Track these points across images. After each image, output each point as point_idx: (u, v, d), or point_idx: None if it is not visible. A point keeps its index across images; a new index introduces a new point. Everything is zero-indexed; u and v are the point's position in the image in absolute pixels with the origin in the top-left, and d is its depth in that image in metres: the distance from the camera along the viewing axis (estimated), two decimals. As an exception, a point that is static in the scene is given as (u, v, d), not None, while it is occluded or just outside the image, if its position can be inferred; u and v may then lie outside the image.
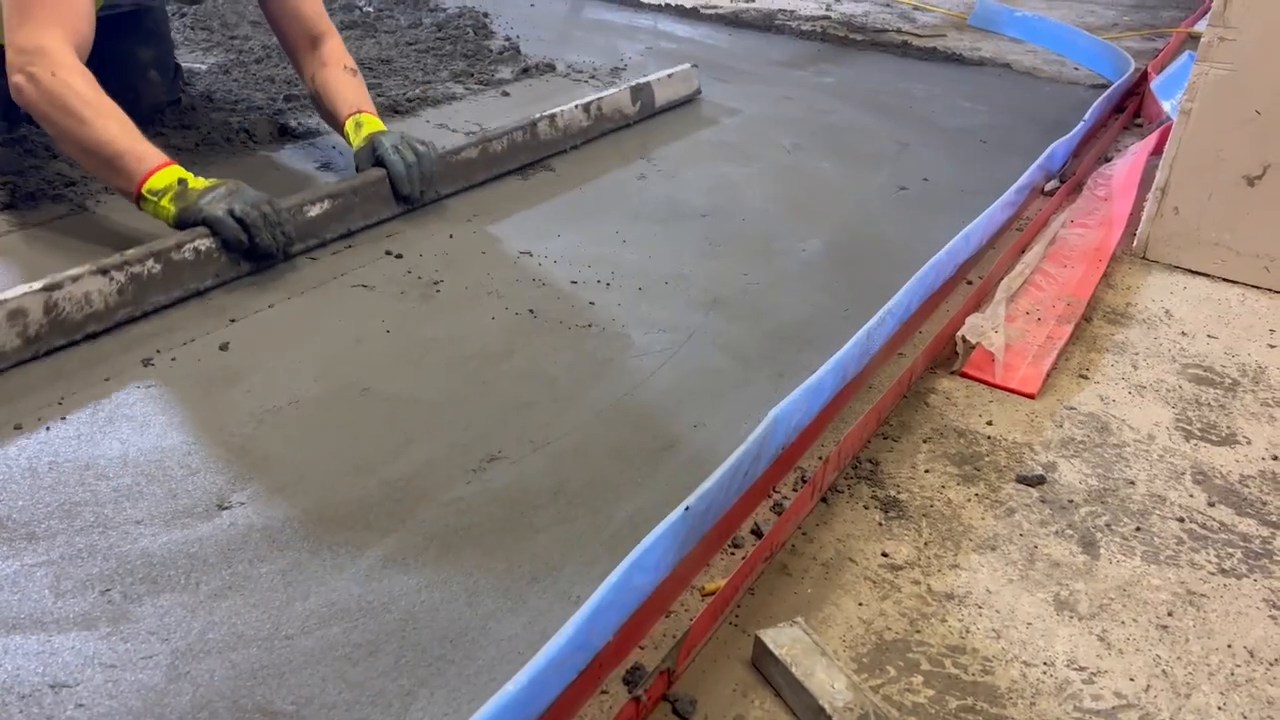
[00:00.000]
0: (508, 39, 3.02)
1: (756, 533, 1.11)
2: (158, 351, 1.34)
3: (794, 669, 0.91)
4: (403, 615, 0.95)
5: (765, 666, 0.94)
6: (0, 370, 1.26)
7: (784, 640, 0.94)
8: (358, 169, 1.78)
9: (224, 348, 1.35)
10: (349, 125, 1.82)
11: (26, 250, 1.58)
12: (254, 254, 1.53)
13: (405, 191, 1.76)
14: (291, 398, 1.26)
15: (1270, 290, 1.78)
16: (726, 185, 2.05)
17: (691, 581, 1.04)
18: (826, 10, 4.01)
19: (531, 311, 1.50)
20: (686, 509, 0.96)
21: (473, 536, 1.06)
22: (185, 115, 2.14)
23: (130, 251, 1.40)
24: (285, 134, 2.14)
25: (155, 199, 1.50)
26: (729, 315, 1.54)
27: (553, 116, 2.11)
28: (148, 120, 2.00)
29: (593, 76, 2.75)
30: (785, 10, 3.94)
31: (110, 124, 1.50)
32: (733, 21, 3.64)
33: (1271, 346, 1.60)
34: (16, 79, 1.49)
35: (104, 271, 1.35)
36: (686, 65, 2.61)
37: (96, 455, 1.13)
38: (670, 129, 2.38)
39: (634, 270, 1.65)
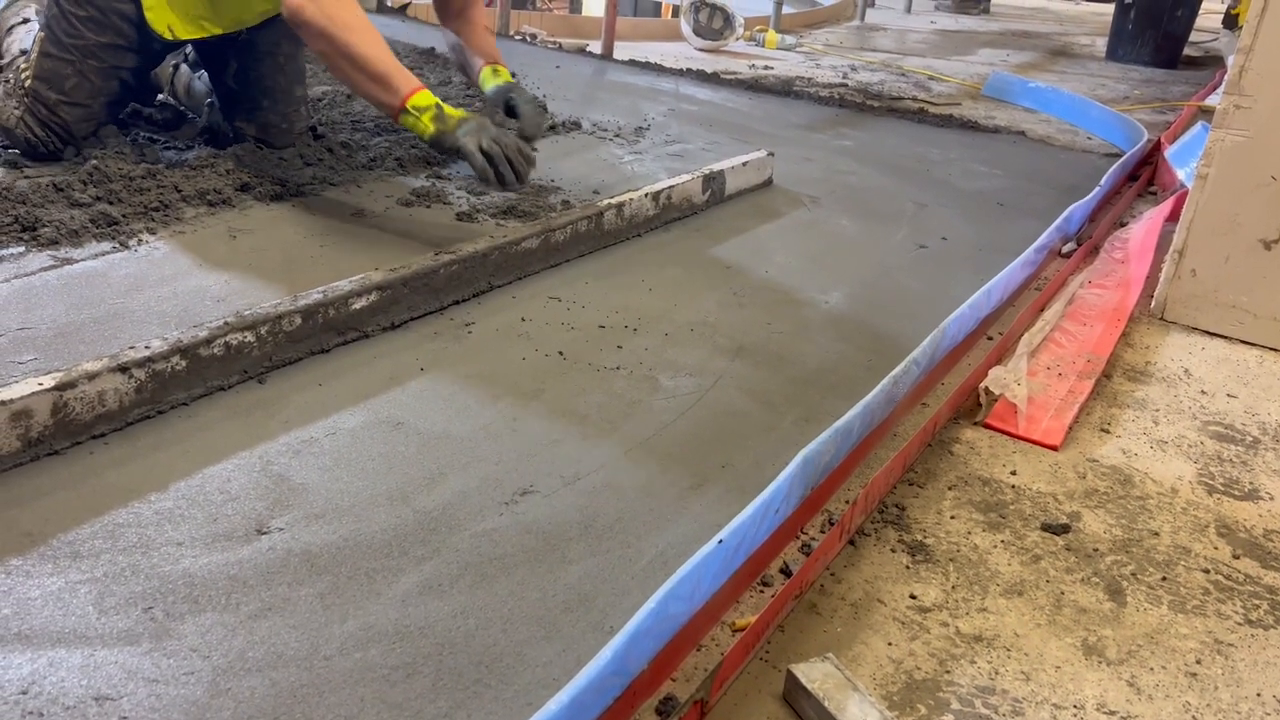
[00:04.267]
0: (535, 98, 3.10)
1: (785, 572, 1.13)
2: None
3: (826, 703, 0.91)
4: (439, 640, 0.96)
5: (797, 701, 0.95)
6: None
7: (816, 675, 0.94)
8: (486, 102, 2.20)
9: (261, 381, 1.38)
10: (486, 71, 2.20)
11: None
12: (501, 181, 1.78)
13: (529, 133, 2.07)
14: (327, 430, 1.28)
15: (1288, 352, 1.80)
16: (750, 240, 2.10)
17: (722, 617, 1.05)
18: (844, 78, 4.11)
19: (561, 353, 1.53)
20: (720, 542, 0.98)
21: (506, 566, 1.07)
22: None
23: (155, 344, 1.28)
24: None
25: (417, 114, 1.78)
26: (754, 362, 1.57)
27: (620, 206, 2.00)
28: (294, 144, 2.25)
29: (618, 134, 2.82)
30: (803, 77, 4.04)
31: (379, 45, 1.77)
32: (752, 86, 3.74)
33: (1291, 406, 1.62)
34: (298, 1, 1.73)
35: (124, 369, 1.23)
36: (762, 152, 2.47)
37: (139, 479, 1.15)
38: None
39: (660, 317, 1.69)
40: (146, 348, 1.27)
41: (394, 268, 1.58)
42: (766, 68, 4.22)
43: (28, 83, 2.00)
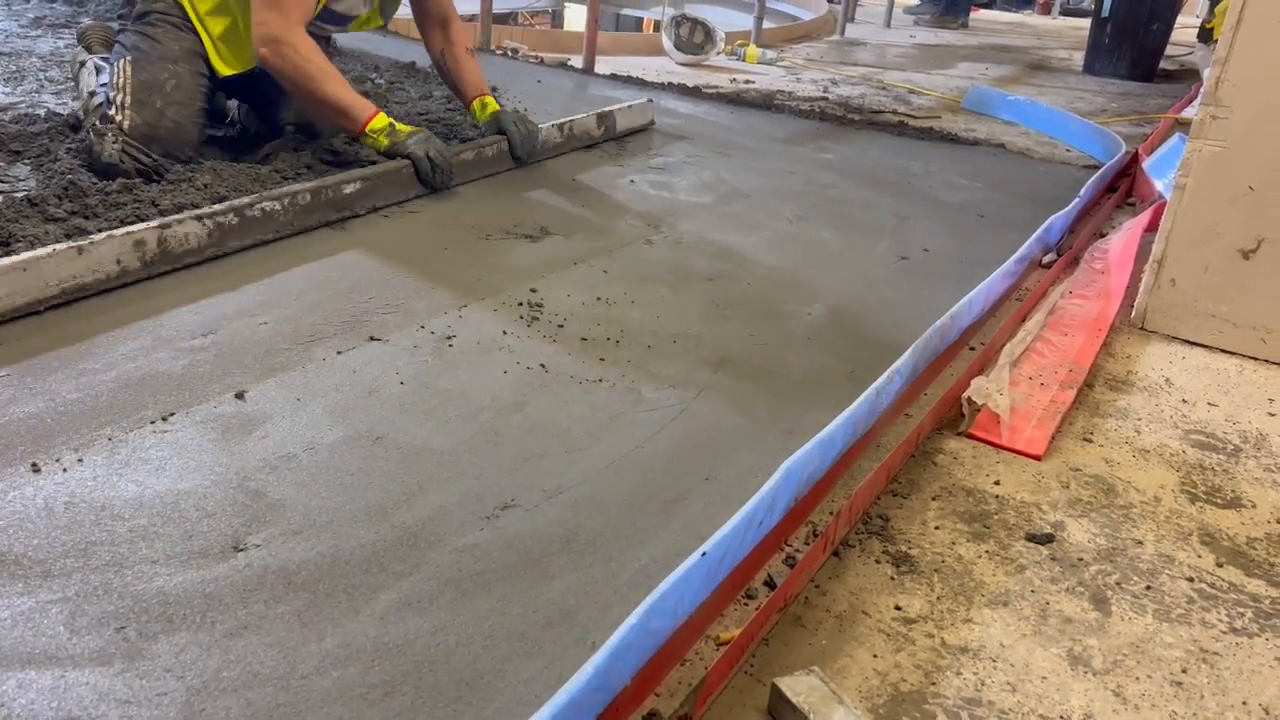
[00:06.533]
0: (517, 111, 3.10)
1: (770, 584, 1.12)
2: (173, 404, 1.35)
3: (812, 716, 0.90)
4: (419, 657, 0.95)
5: (782, 715, 0.94)
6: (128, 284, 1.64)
7: (801, 688, 0.93)
8: (482, 134, 2.50)
9: (240, 396, 1.36)
10: (475, 104, 2.53)
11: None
12: (432, 184, 2.21)
13: (518, 153, 2.47)
14: (306, 445, 1.27)
15: (1268, 361, 1.81)
16: (731, 252, 2.09)
17: (706, 631, 1.04)
18: (824, 92, 4.13)
19: (543, 366, 1.52)
20: (703, 554, 0.97)
21: (487, 582, 1.06)
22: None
23: (217, 206, 1.82)
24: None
25: (374, 136, 2.18)
26: (737, 373, 1.56)
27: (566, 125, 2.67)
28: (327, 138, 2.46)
29: (598, 148, 2.81)
30: (784, 91, 4.06)
31: (336, 82, 2.14)
32: (733, 100, 3.75)
33: (1271, 415, 1.62)
34: (263, 51, 2.07)
35: (199, 219, 1.76)
36: (644, 99, 3.13)
37: (112, 496, 1.13)
38: (673, 199, 2.44)
39: (643, 329, 1.68)
40: (203, 207, 1.83)
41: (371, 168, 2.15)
42: (748, 82, 4.23)
43: (126, 102, 2.11)
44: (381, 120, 2.18)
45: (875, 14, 7.01)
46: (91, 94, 2.30)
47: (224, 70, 2.26)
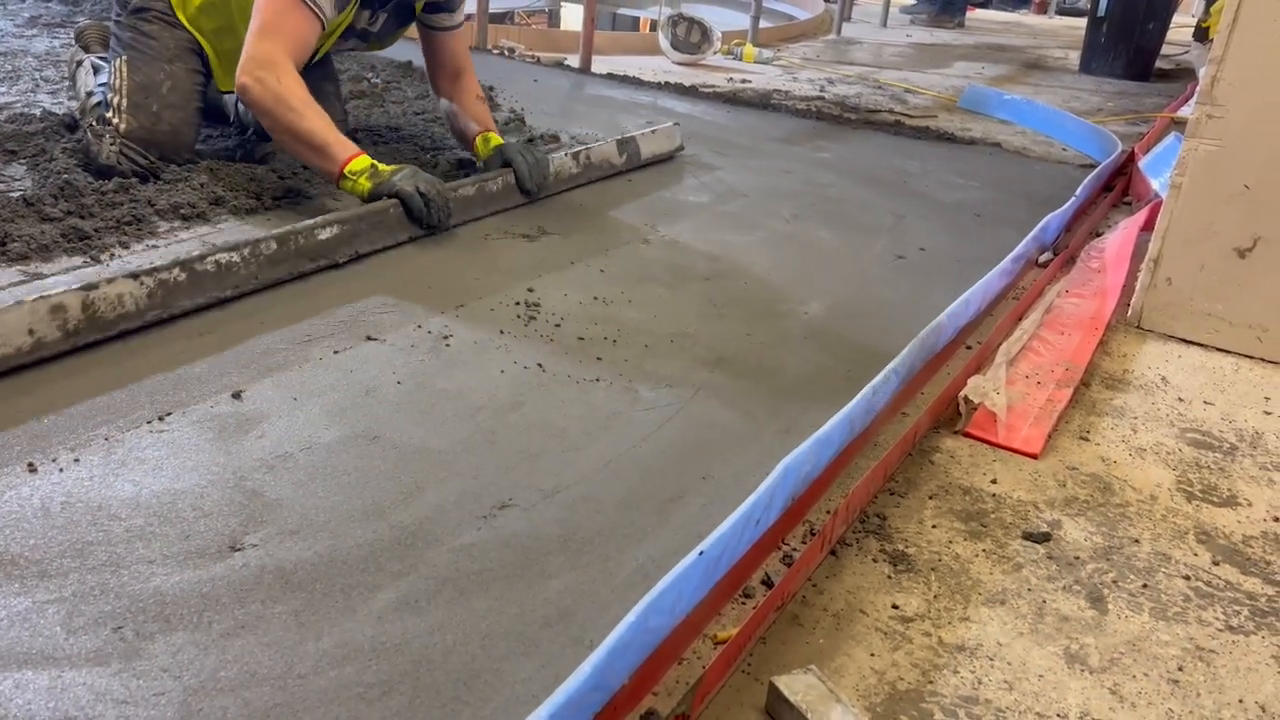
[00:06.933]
0: (513, 111, 3.10)
1: (767, 583, 1.12)
2: (171, 402, 1.35)
3: (809, 715, 0.90)
4: (416, 657, 0.95)
5: (780, 713, 0.94)
6: (44, 360, 1.38)
7: (799, 687, 0.94)
8: (487, 168, 2.25)
9: (237, 395, 1.36)
10: (479, 141, 2.31)
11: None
12: (427, 222, 1.93)
13: (526, 186, 2.21)
14: (303, 445, 1.27)
15: (1264, 360, 1.81)
16: (728, 252, 2.09)
17: (703, 630, 1.04)
18: (821, 92, 4.13)
19: (540, 365, 1.52)
20: (701, 553, 0.97)
21: (484, 581, 1.06)
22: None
23: (159, 262, 1.53)
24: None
25: (354, 178, 1.92)
26: (734, 373, 1.56)
27: (581, 152, 2.42)
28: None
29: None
30: (780, 91, 4.06)
31: (319, 120, 1.91)
32: (730, 99, 3.75)
33: (1267, 413, 1.63)
34: (244, 80, 1.88)
35: (135, 276, 1.48)
36: (669, 123, 2.81)
37: (109, 496, 1.13)
38: (671, 198, 2.44)
39: (639, 329, 1.68)
40: (150, 262, 1.52)
41: (352, 210, 1.87)
42: (744, 81, 4.24)
43: (123, 105, 2.09)
44: (363, 161, 1.93)
45: (871, 13, 7.02)
46: (89, 94, 2.30)
47: (224, 87, 2.25)
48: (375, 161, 1.94)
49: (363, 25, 2.21)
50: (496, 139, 2.29)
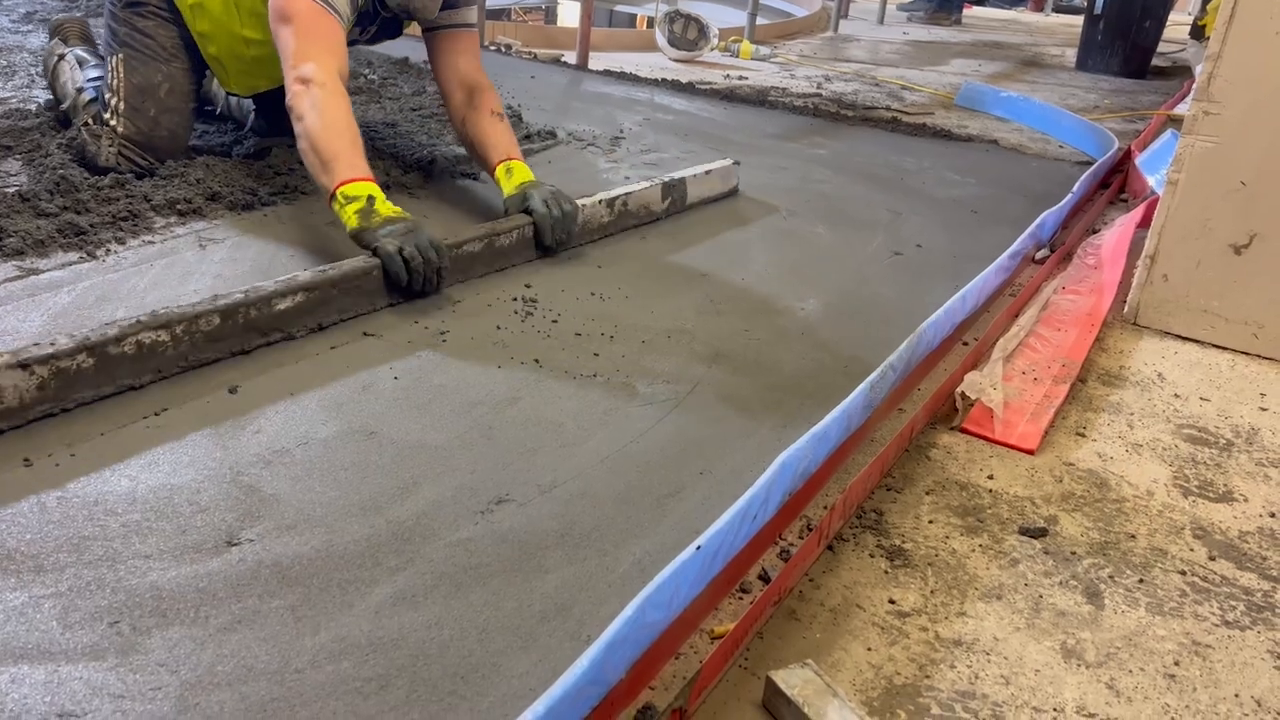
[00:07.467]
0: (510, 107, 3.09)
1: (764, 578, 1.12)
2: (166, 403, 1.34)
3: (806, 709, 0.90)
4: (413, 651, 0.95)
5: (777, 707, 0.94)
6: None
7: (795, 681, 0.94)
8: (506, 212, 1.95)
9: (233, 391, 1.36)
10: (500, 171, 2.01)
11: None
12: (407, 292, 1.67)
13: (547, 241, 1.91)
14: (299, 440, 1.27)
15: (1259, 356, 1.81)
16: (726, 247, 2.09)
17: (700, 625, 1.04)
18: (818, 88, 4.13)
19: (537, 361, 1.52)
20: (698, 548, 0.97)
21: (481, 576, 1.06)
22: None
23: (61, 342, 1.25)
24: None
25: (344, 203, 1.68)
26: (731, 368, 1.56)
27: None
28: None
29: (593, 144, 2.81)
30: (777, 87, 4.06)
31: (342, 139, 1.72)
32: (727, 96, 3.75)
33: (1263, 409, 1.63)
34: (296, 88, 1.74)
35: (24, 365, 1.22)
36: (727, 161, 2.46)
37: (105, 492, 1.13)
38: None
39: (637, 324, 1.68)
40: (51, 344, 1.24)
41: (322, 269, 1.57)
42: (741, 78, 4.23)
43: (121, 108, 2.06)
44: (362, 188, 1.68)
45: (869, 11, 7.02)
46: (80, 90, 2.28)
47: (231, 89, 2.22)
48: (377, 195, 1.70)
49: (353, 37, 2.16)
50: (522, 172, 2.00)
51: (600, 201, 2.05)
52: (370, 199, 1.68)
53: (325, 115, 1.72)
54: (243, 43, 2.09)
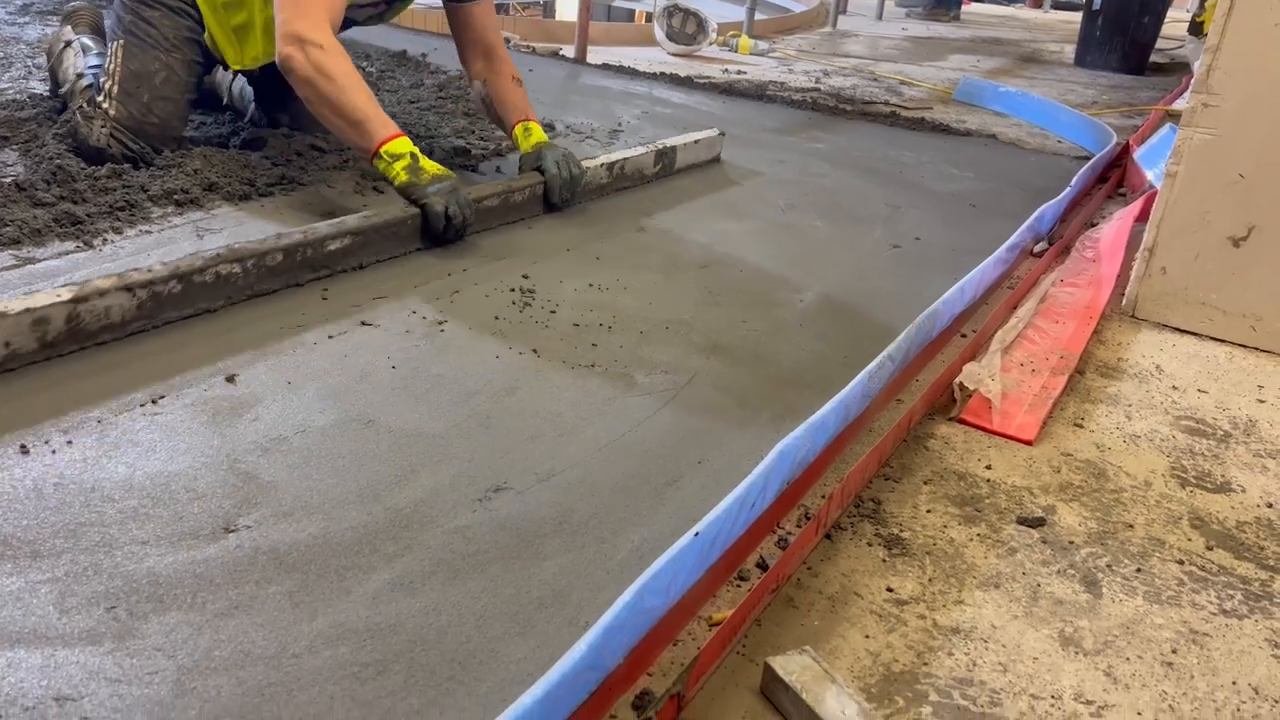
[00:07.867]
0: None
1: (762, 566, 1.12)
2: (165, 383, 1.34)
3: (804, 695, 0.90)
4: (411, 637, 0.94)
5: (775, 694, 0.94)
6: (13, 368, 1.32)
7: (794, 667, 0.93)
8: (520, 168, 2.16)
9: (231, 379, 1.36)
10: (518, 130, 2.20)
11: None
12: (439, 239, 1.86)
13: (554, 199, 2.12)
14: (297, 428, 1.26)
15: (1257, 348, 1.82)
16: (724, 240, 2.09)
17: (698, 612, 1.04)
18: (816, 83, 4.13)
19: (535, 351, 1.52)
20: (696, 534, 0.97)
21: (479, 563, 1.06)
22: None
23: (157, 268, 1.46)
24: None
25: (390, 160, 1.84)
26: (729, 359, 1.56)
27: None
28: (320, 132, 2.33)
29: (592, 136, 2.81)
30: (776, 82, 4.05)
31: (360, 93, 1.84)
32: (726, 90, 3.74)
33: (1261, 401, 1.63)
34: (287, 50, 1.80)
35: (129, 289, 1.42)
36: (713, 131, 2.70)
37: (102, 478, 1.13)
38: (665, 186, 2.43)
39: (635, 315, 1.68)
40: (149, 270, 1.45)
41: (365, 214, 1.77)
42: (740, 72, 4.23)
43: (115, 91, 2.06)
44: (403, 145, 1.85)
45: (867, 6, 7.01)
46: (79, 75, 2.28)
47: (235, 64, 2.20)
48: (417, 151, 1.86)
49: (358, 9, 2.18)
50: (539, 133, 2.19)
51: (601, 165, 2.28)
52: (414, 156, 1.86)
53: (337, 77, 1.81)
54: (223, 7, 2.12)
